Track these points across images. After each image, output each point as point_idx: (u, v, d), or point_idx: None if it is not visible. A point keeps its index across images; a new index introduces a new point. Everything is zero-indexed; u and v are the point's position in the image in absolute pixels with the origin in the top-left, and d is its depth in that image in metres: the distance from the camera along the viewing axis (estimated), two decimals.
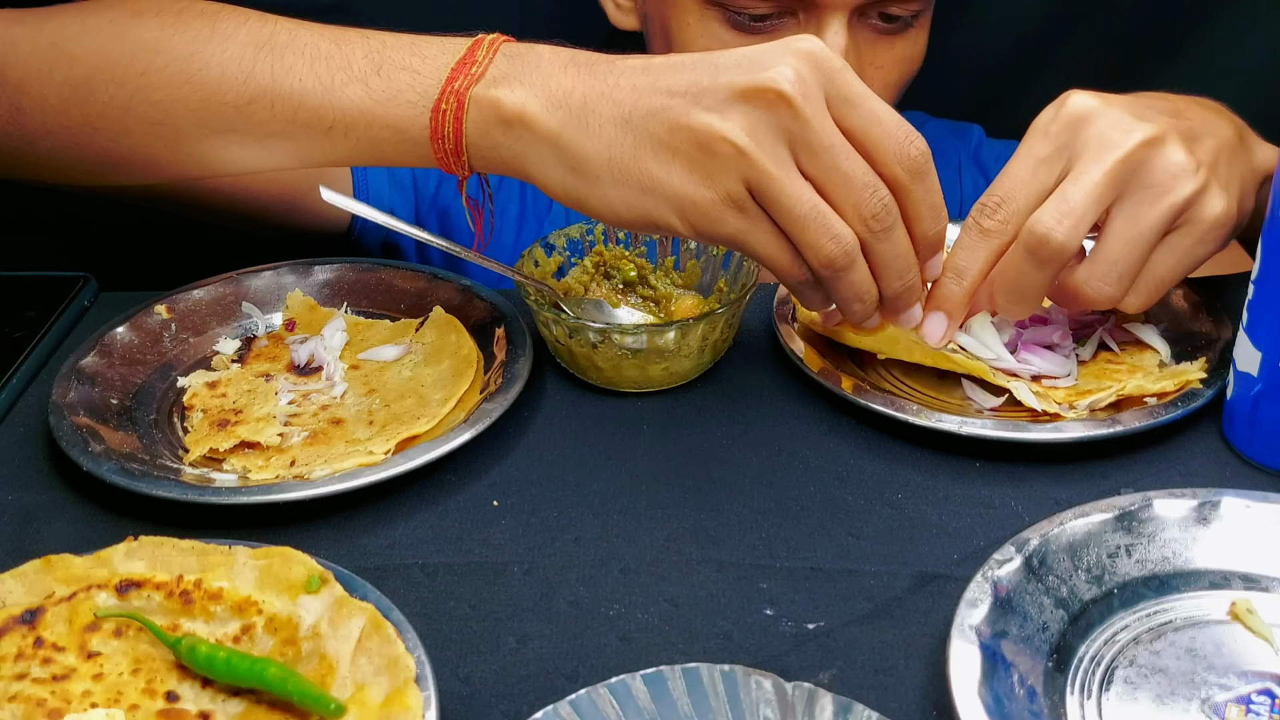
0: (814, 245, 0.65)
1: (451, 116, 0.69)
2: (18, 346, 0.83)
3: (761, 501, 0.70)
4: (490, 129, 0.69)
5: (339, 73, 0.71)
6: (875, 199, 0.65)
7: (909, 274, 0.68)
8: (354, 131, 0.72)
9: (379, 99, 0.70)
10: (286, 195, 0.98)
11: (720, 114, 0.64)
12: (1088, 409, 0.73)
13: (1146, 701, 0.57)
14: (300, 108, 0.72)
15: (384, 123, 0.71)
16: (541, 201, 1.11)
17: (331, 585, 0.59)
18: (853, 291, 0.68)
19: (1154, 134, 0.70)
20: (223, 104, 0.73)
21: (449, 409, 0.75)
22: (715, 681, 0.55)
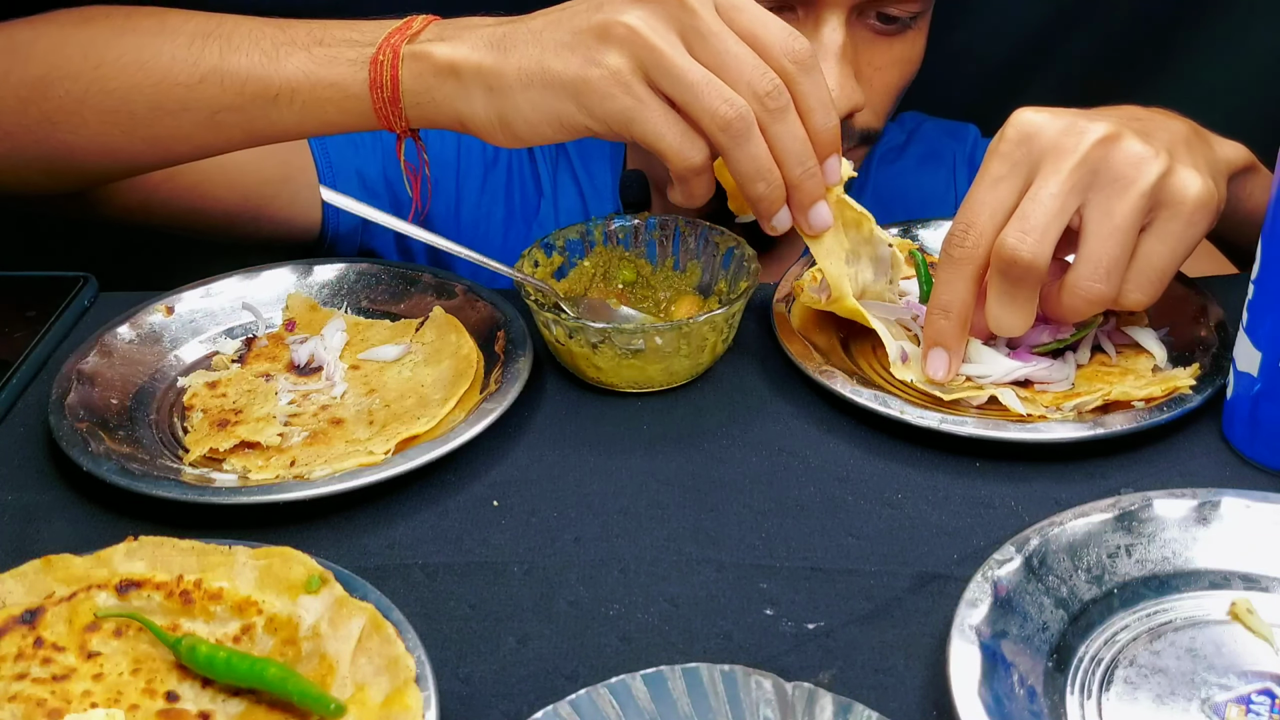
0: (710, 109, 0.69)
1: (388, 66, 0.75)
2: (18, 346, 0.83)
3: (761, 501, 0.70)
4: (424, 77, 0.74)
5: (283, 46, 0.78)
6: (767, 78, 0.69)
7: (808, 161, 0.71)
8: (299, 95, 0.77)
9: (321, 62, 0.77)
10: (249, 202, 0.99)
11: (617, 10, 0.70)
12: (1074, 411, 0.73)
13: (1146, 701, 0.57)
14: (248, 80, 0.78)
15: (327, 82, 0.76)
16: (529, 204, 1.11)
17: (331, 585, 0.59)
18: (754, 166, 0.71)
19: (1107, 132, 0.70)
20: (175, 85, 0.79)
21: (449, 409, 0.75)
22: (715, 681, 0.55)
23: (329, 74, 0.76)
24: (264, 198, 1.00)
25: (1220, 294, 0.82)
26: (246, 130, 0.81)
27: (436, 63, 0.73)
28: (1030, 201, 0.70)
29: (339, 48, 0.77)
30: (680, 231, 0.86)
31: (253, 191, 0.99)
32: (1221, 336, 0.78)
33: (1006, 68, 1.32)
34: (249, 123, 0.80)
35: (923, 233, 0.93)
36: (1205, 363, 0.76)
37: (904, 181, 1.15)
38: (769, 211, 0.74)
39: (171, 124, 0.81)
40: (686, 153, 0.71)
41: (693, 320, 0.76)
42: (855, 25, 0.93)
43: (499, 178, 1.10)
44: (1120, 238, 0.69)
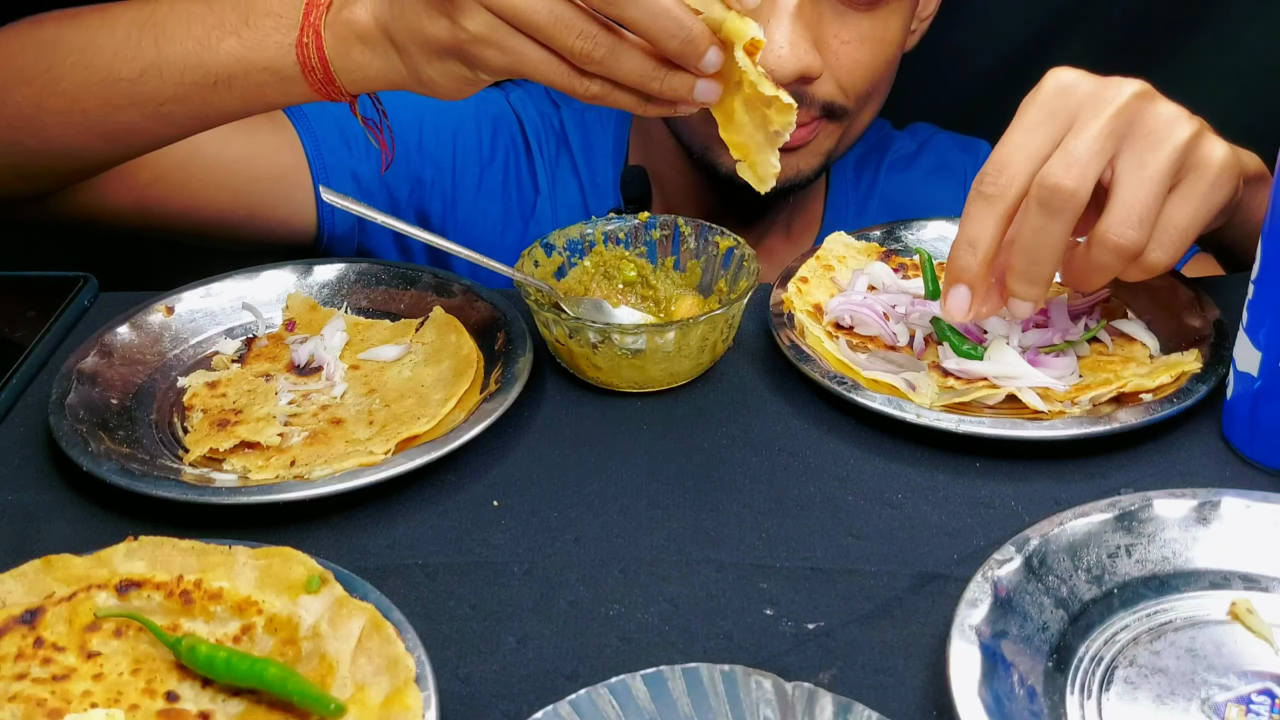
0: (565, 47, 0.68)
1: (314, 48, 0.75)
2: (18, 346, 0.83)
3: (761, 501, 0.70)
4: (349, 50, 0.74)
5: (213, 30, 0.78)
6: None
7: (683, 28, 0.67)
8: (236, 81, 0.78)
9: (251, 46, 0.77)
10: (240, 200, 0.99)
11: None
12: (1090, 403, 0.73)
13: (1146, 701, 0.57)
14: (186, 69, 0.79)
15: (260, 67, 0.77)
16: (526, 202, 1.11)
17: (331, 585, 0.59)
18: (634, 75, 0.69)
19: (1143, 89, 0.71)
20: (119, 80, 0.80)
21: (449, 409, 0.75)
22: (715, 681, 0.55)
23: (260, 58, 0.77)
24: (255, 195, 1.00)
25: (1220, 294, 0.82)
26: (194, 117, 0.82)
27: (355, 30, 0.73)
28: (1074, 138, 0.69)
29: (264, 25, 0.77)
30: (680, 231, 0.87)
31: (243, 190, 0.99)
32: (1217, 327, 0.79)
33: (1006, 68, 1.32)
34: (195, 110, 0.81)
35: (905, 234, 0.93)
36: (1204, 351, 0.76)
37: (914, 191, 1.14)
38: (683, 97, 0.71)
39: (123, 118, 0.82)
40: (582, 87, 0.70)
41: (693, 320, 0.76)
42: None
43: (495, 175, 1.11)
44: (1153, 188, 0.69)
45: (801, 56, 0.92)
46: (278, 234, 1.03)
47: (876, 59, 0.98)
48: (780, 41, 0.91)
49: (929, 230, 0.93)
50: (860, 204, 1.14)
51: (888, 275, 0.86)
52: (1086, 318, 0.82)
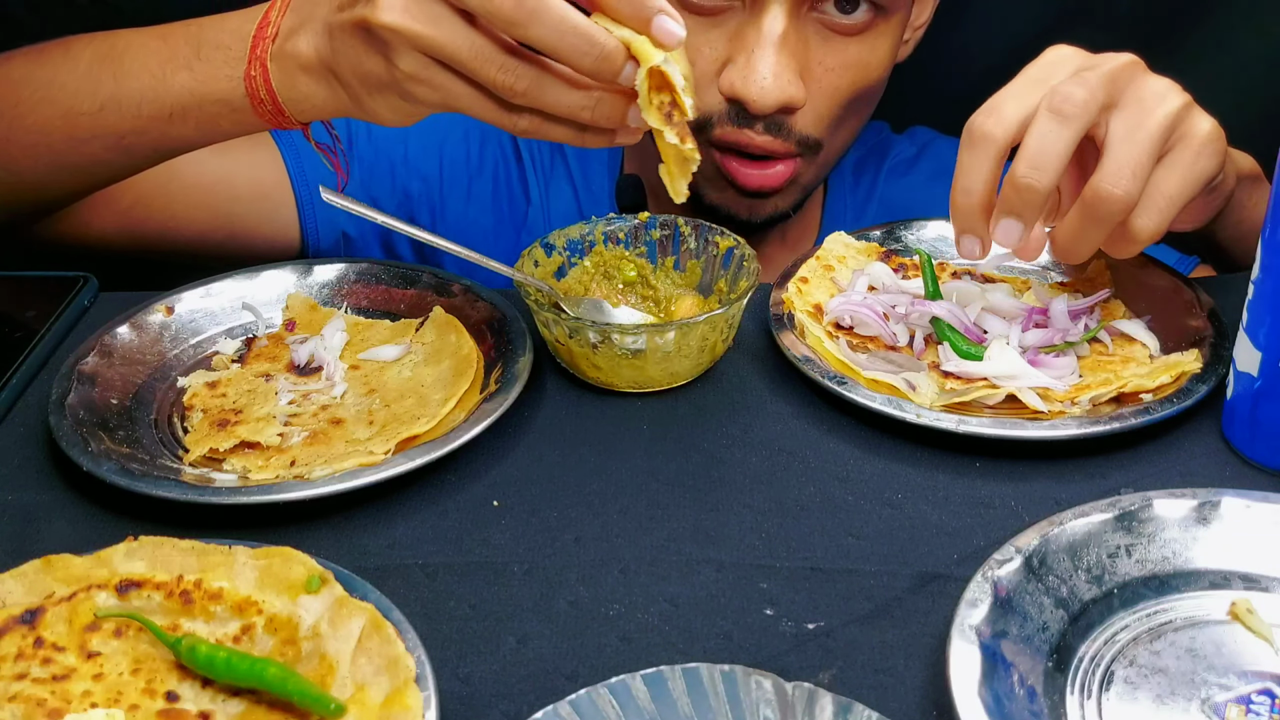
0: (490, 82, 0.67)
1: (261, 80, 0.75)
2: (18, 346, 0.83)
3: (761, 501, 0.70)
4: (294, 81, 0.75)
5: (167, 64, 0.79)
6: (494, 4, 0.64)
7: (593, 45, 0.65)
8: (190, 113, 0.79)
9: (202, 80, 0.78)
10: (220, 220, 1.00)
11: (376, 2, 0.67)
12: (1090, 403, 0.73)
13: (1146, 701, 0.57)
14: (142, 103, 0.80)
15: (212, 99, 0.78)
16: (518, 211, 1.10)
17: (331, 585, 0.59)
18: (563, 106, 0.68)
19: (1134, 60, 0.73)
20: (80, 115, 0.82)
21: (449, 409, 0.75)
22: (715, 681, 0.55)
23: (212, 92, 0.78)
24: (236, 215, 1.00)
25: (1220, 294, 0.82)
26: (155, 148, 0.84)
27: (298, 63, 0.74)
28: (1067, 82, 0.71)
29: (215, 58, 0.77)
30: (680, 231, 0.87)
31: (224, 210, 1.00)
32: (1217, 328, 0.79)
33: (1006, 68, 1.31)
34: (154, 142, 0.83)
35: (905, 234, 0.93)
36: (1204, 351, 0.76)
37: (913, 196, 1.14)
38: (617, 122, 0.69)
39: (86, 151, 0.84)
40: (510, 122, 0.70)
41: (693, 320, 0.76)
42: (805, 18, 0.91)
43: (484, 186, 1.10)
44: (1146, 147, 0.70)
45: (785, 88, 0.90)
46: (262, 251, 1.03)
47: (856, 85, 0.96)
48: (764, 72, 0.89)
49: (929, 230, 0.93)
50: (859, 208, 1.14)
51: (888, 275, 0.86)
52: (1086, 318, 0.82)
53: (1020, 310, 0.81)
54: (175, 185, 0.97)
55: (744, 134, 0.94)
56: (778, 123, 0.93)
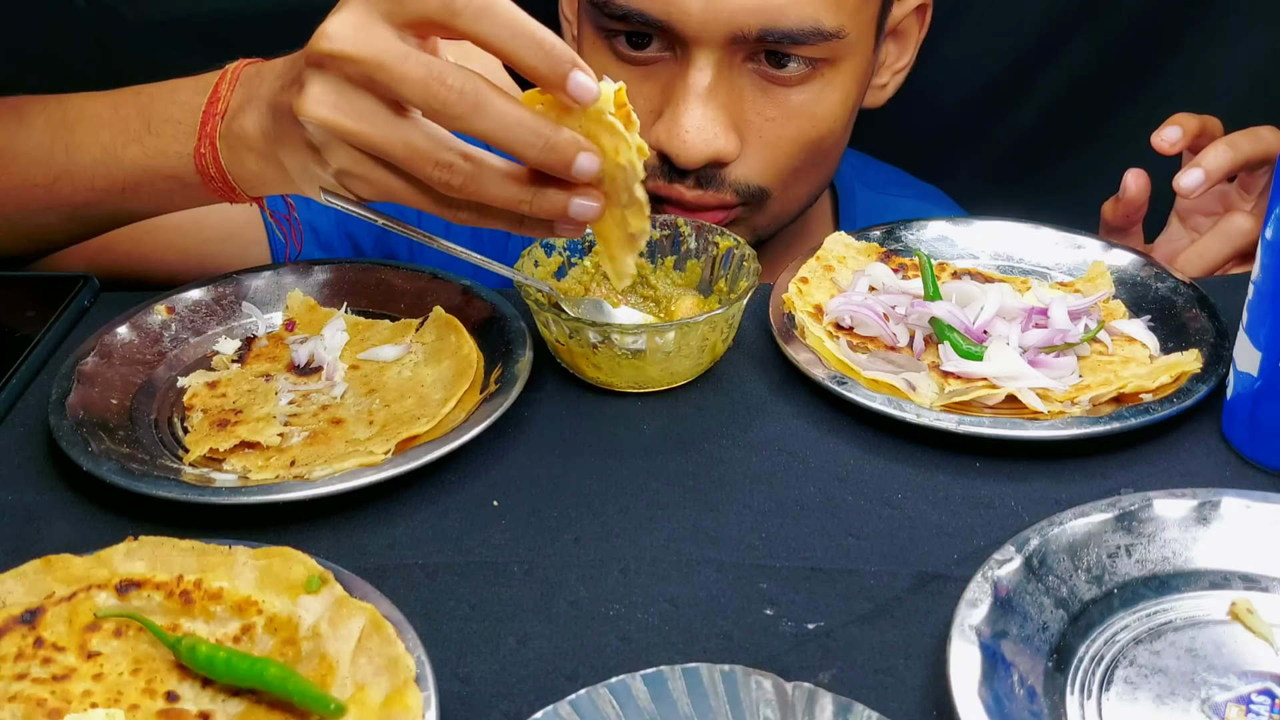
0: (426, 178, 0.64)
1: (211, 160, 0.75)
2: (18, 346, 0.83)
3: (761, 501, 0.70)
4: (243, 160, 0.74)
5: (118, 137, 0.79)
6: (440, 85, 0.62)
7: (539, 134, 0.63)
8: (143, 188, 0.80)
9: (153, 155, 0.78)
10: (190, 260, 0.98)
11: (304, 94, 0.64)
12: (1090, 403, 0.73)
13: (1146, 701, 0.57)
14: (95, 177, 0.81)
15: (163, 175, 0.78)
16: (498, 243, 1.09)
17: (331, 585, 0.59)
18: (501, 200, 0.65)
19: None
20: (34, 187, 0.83)
21: (449, 409, 0.75)
22: (715, 681, 0.55)
23: (162, 167, 0.78)
24: (207, 255, 0.99)
25: (1220, 294, 0.82)
26: (109, 218, 0.84)
27: (245, 143, 0.73)
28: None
29: (165, 133, 0.77)
30: (680, 231, 0.86)
31: (193, 251, 0.99)
32: (1217, 327, 0.79)
33: (1011, 68, 1.32)
34: (108, 213, 0.83)
35: (905, 234, 0.93)
36: (1204, 351, 0.76)
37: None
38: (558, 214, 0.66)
39: (41, 221, 0.85)
40: (451, 214, 0.67)
41: (693, 320, 0.76)
42: (738, 69, 0.90)
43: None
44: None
45: (711, 141, 0.88)
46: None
47: (805, 136, 0.93)
48: (687, 125, 0.88)
49: (929, 230, 0.93)
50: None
51: (888, 276, 0.86)
52: (1086, 318, 0.82)
53: (1020, 310, 0.81)
54: (141, 230, 0.95)
55: (674, 189, 0.92)
56: (709, 175, 0.92)
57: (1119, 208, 0.95)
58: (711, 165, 0.91)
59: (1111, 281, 0.86)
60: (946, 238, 0.93)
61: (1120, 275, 0.87)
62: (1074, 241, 0.91)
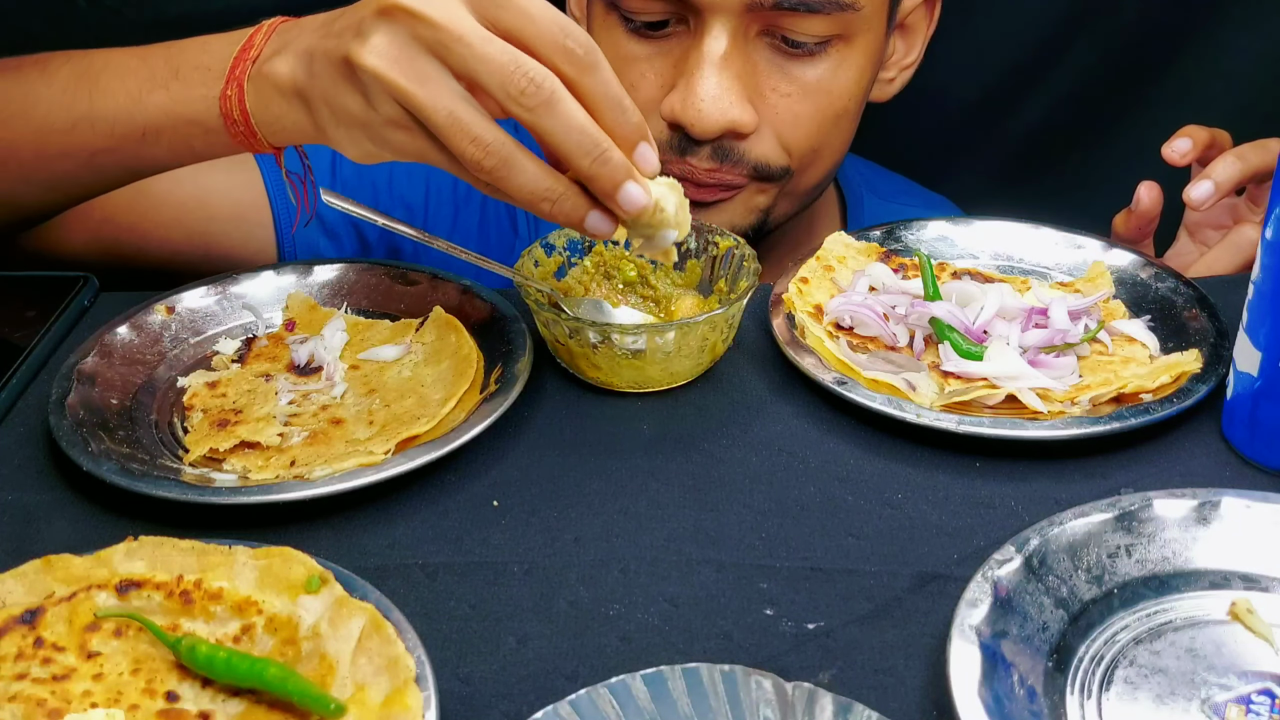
0: (459, 152, 0.65)
1: (236, 101, 0.74)
2: (18, 346, 0.83)
3: (761, 501, 0.70)
4: (269, 103, 0.73)
5: (144, 83, 0.79)
6: (520, 74, 0.63)
7: (597, 148, 0.64)
8: (163, 133, 0.79)
9: (178, 99, 0.77)
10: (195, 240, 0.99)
11: (362, 40, 0.65)
12: (1090, 403, 0.73)
13: (1146, 701, 0.57)
14: (116, 122, 0.80)
15: (186, 119, 0.77)
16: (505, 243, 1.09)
17: (331, 585, 0.59)
18: (524, 193, 0.66)
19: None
20: (52, 132, 0.82)
21: (449, 409, 0.75)
22: (715, 681, 0.55)
23: (186, 112, 0.77)
24: (211, 235, 0.99)
25: (1220, 294, 0.82)
26: (125, 168, 0.84)
27: (273, 84, 0.72)
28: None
29: (192, 78, 0.77)
30: None
31: (198, 230, 0.99)
32: (1217, 327, 0.79)
33: (1012, 72, 1.32)
34: (125, 161, 0.82)
35: (905, 234, 0.93)
36: (1204, 351, 0.76)
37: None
38: (572, 222, 0.68)
39: (57, 168, 0.84)
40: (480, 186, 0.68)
41: (693, 320, 0.76)
42: (754, 41, 0.89)
43: (471, 217, 1.09)
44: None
45: (726, 110, 0.88)
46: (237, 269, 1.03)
47: (823, 112, 0.93)
48: (702, 94, 0.87)
49: (929, 230, 0.93)
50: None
51: (888, 276, 0.86)
52: (1086, 318, 0.82)
53: (1020, 310, 0.81)
54: (146, 203, 0.96)
55: (687, 163, 0.92)
56: (725, 149, 0.91)
57: (1131, 219, 0.95)
58: (728, 138, 0.91)
59: (1111, 281, 0.86)
60: (946, 238, 0.93)
61: (1120, 275, 0.87)
62: (1074, 241, 0.91)
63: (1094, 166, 1.33)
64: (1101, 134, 1.32)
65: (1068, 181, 1.34)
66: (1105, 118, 1.31)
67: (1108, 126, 1.31)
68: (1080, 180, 1.34)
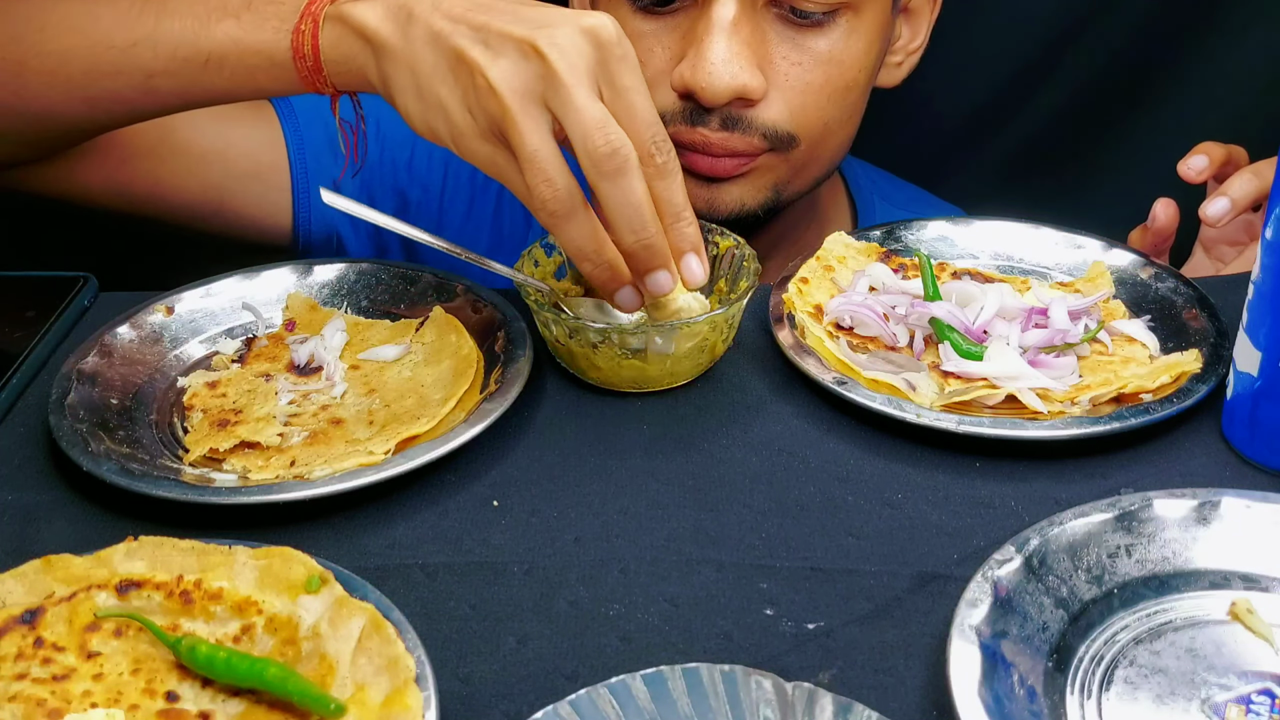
0: (532, 187, 0.68)
1: (309, 35, 0.75)
2: (18, 346, 0.83)
3: (761, 501, 0.70)
4: (341, 43, 0.74)
5: (215, 11, 0.78)
6: (604, 136, 0.67)
7: (645, 230, 0.69)
8: (228, 62, 0.78)
9: (248, 29, 0.77)
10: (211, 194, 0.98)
11: (491, 53, 0.68)
12: (1090, 403, 0.73)
13: (1146, 701, 0.57)
14: (179, 45, 0.79)
15: (253, 50, 0.77)
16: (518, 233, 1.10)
17: (331, 585, 0.59)
18: (574, 245, 0.70)
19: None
20: (109, 48, 0.80)
21: (449, 409, 0.75)
22: (715, 681, 0.55)
23: (255, 41, 0.77)
24: (227, 190, 0.99)
25: (1220, 294, 0.82)
26: (181, 95, 0.82)
27: (352, 26, 0.73)
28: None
29: (265, 10, 0.77)
30: None
31: (214, 184, 0.98)
32: (1217, 327, 0.79)
33: (1014, 76, 1.32)
34: (183, 88, 0.81)
35: (905, 234, 0.93)
36: (1204, 351, 0.76)
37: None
38: (605, 289, 0.73)
39: (108, 85, 0.82)
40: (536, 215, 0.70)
41: (693, 320, 0.76)
42: (762, 11, 0.90)
43: (487, 205, 1.09)
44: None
45: (737, 74, 0.88)
46: (250, 233, 1.02)
47: (833, 83, 0.93)
48: (713, 59, 0.87)
49: (929, 230, 0.93)
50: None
51: (888, 276, 0.86)
52: (1086, 318, 0.82)
53: (1020, 310, 0.81)
54: (166, 148, 0.95)
55: (698, 132, 0.92)
56: (735, 117, 0.91)
57: (1147, 236, 0.95)
58: (737, 104, 0.91)
59: (1111, 281, 0.86)
60: (946, 238, 0.93)
61: (1120, 275, 0.87)
62: (1074, 241, 0.91)
63: (1096, 170, 1.33)
64: (1104, 137, 1.32)
65: (1070, 185, 1.34)
66: (1108, 121, 1.31)
67: (1110, 130, 1.31)
68: (1082, 184, 1.34)
